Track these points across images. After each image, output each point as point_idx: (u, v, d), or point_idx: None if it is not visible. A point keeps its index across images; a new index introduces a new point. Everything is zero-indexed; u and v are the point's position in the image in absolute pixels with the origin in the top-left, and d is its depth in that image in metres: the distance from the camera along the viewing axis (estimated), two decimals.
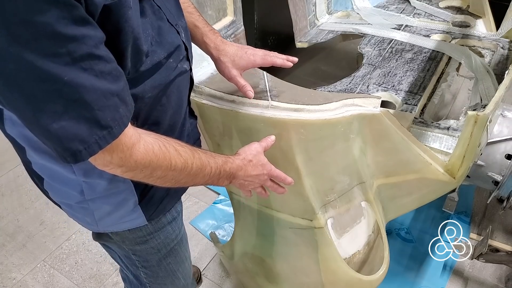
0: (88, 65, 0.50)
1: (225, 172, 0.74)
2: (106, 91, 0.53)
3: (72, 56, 0.48)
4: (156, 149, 0.62)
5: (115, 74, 0.55)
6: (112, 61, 0.54)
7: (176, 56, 0.71)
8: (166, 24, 0.69)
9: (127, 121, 0.57)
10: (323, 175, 1.00)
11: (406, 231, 1.75)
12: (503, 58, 1.48)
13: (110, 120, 0.54)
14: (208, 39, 0.86)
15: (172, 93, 0.73)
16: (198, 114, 1.02)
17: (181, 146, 0.67)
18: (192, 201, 1.97)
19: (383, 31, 1.69)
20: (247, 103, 0.91)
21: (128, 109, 0.58)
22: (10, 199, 2.04)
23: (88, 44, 0.50)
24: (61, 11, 0.46)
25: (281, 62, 0.87)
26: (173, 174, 0.65)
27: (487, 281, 1.57)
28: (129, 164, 0.60)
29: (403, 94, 1.33)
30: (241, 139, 0.98)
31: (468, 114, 0.90)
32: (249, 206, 1.15)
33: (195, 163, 0.68)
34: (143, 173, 0.62)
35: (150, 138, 0.62)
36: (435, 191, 1.10)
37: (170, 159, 0.64)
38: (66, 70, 0.48)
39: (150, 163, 0.61)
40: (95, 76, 0.51)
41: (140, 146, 0.60)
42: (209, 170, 0.71)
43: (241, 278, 1.45)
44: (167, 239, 0.91)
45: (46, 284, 1.67)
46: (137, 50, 0.61)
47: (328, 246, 1.06)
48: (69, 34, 0.47)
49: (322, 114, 0.89)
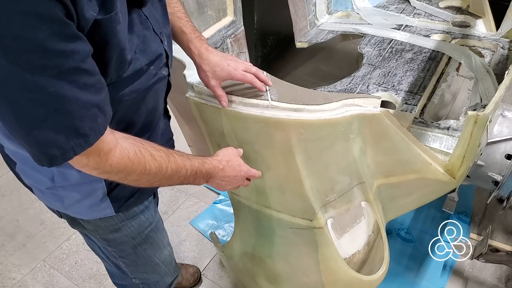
0: (73, 78, 0.53)
1: (201, 173, 0.78)
2: (87, 102, 0.56)
3: (59, 69, 0.51)
4: (132, 155, 0.65)
5: (98, 86, 0.58)
6: (96, 74, 0.57)
7: (157, 64, 0.74)
8: (151, 33, 0.72)
9: (104, 129, 0.61)
10: (323, 175, 1.00)
11: (406, 231, 1.75)
12: (503, 58, 1.48)
13: (88, 129, 0.57)
14: (193, 46, 0.89)
15: (149, 97, 0.76)
16: (198, 114, 1.02)
17: (157, 150, 0.70)
18: (192, 201, 1.98)
19: (383, 31, 1.69)
20: (247, 103, 0.91)
21: (106, 119, 0.61)
22: (10, 199, 2.04)
23: (76, 58, 0.53)
24: (53, 29, 0.49)
25: (258, 85, 0.89)
26: (147, 177, 0.69)
27: (487, 281, 1.57)
28: (104, 168, 0.63)
29: (403, 94, 1.33)
30: (240, 139, 0.98)
31: (468, 114, 0.90)
32: (249, 206, 1.15)
33: (170, 166, 0.71)
34: (118, 176, 0.66)
35: (127, 144, 0.66)
36: (435, 191, 1.10)
37: (144, 164, 0.67)
38: (52, 82, 0.51)
39: (125, 167, 0.65)
40: (78, 88, 0.54)
41: (116, 152, 0.63)
42: (184, 172, 0.74)
43: (241, 278, 1.45)
44: (140, 226, 0.94)
45: (46, 284, 1.67)
46: (122, 59, 0.64)
47: (328, 246, 1.06)
48: (58, 50, 0.50)
49: (322, 114, 0.89)
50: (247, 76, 0.88)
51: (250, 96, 0.92)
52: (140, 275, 1.06)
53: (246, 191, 1.12)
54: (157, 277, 1.11)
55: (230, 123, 0.96)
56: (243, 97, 0.92)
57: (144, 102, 0.76)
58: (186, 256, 1.74)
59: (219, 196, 1.98)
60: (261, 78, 0.90)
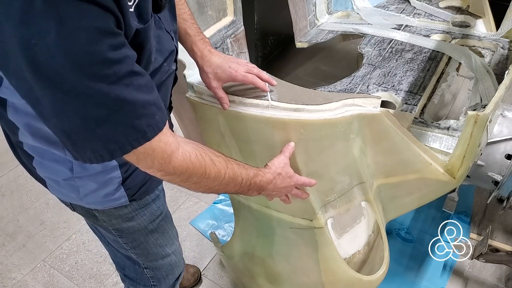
0: (129, 81, 0.58)
1: (255, 184, 0.80)
2: (144, 102, 0.60)
3: (117, 75, 0.56)
4: (193, 158, 0.68)
5: (150, 86, 0.62)
6: (145, 74, 0.61)
7: (170, 60, 0.78)
8: (164, 32, 0.75)
9: (162, 126, 0.64)
10: (323, 175, 1.00)
11: (406, 231, 1.75)
12: (503, 58, 1.48)
13: (146, 126, 0.61)
14: (197, 47, 0.90)
15: (161, 92, 0.78)
16: (198, 114, 1.02)
17: (216, 156, 0.73)
18: (192, 201, 1.98)
19: (383, 31, 1.69)
20: (247, 103, 0.91)
21: (164, 114, 0.64)
22: (10, 199, 2.04)
23: (128, 63, 0.58)
24: (110, 40, 0.54)
25: (260, 84, 0.90)
26: (206, 181, 0.72)
27: (487, 281, 1.57)
28: (168, 170, 0.66)
29: (403, 94, 1.33)
30: (240, 139, 0.98)
31: (468, 114, 0.90)
32: (249, 206, 1.15)
33: (228, 173, 0.74)
34: (180, 178, 0.69)
35: (189, 147, 0.69)
36: (435, 191, 1.10)
37: (205, 167, 0.70)
38: (113, 88, 0.56)
39: (187, 170, 0.68)
40: (135, 90, 0.59)
41: (178, 154, 0.66)
42: (240, 181, 0.77)
43: (241, 278, 1.45)
44: (152, 215, 0.96)
45: (46, 284, 1.67)
46: (148, 61, 0.69)
47: (328, 246, 1.06)
48: (115, 58, 0.55)
49: (322, 114, 0.89)
50: (248, 77, 0.89)
51: (250, 96, 0.92)
52: (151, 264, 1.08)
53: None
54: (168, 268, 1.13)
55: (230, 123, 0.96)
56: (243, 97, 0.92)
57: None
58: (186, 256, 1.73)
59: (219, 196, 1.98)
60: (264, 78, 0.91)
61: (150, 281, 1.13)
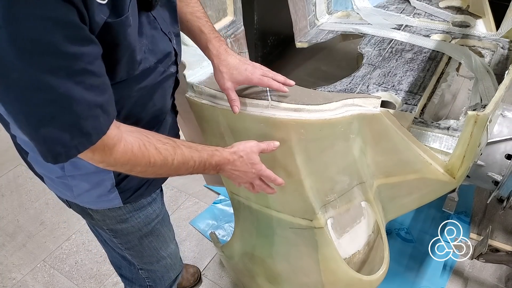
0: (81, 79, 0.56)
1: (210, 164, 0.79)
2: (92, 103, 0.58)
3: (69, 71, 0.54)
4: (135, 149, 0.67)
5: (102, 87, 0.60)
6: (102, 75, 0.60)
7: (166, 62, 0.76)
8: (159, 33, 0.74)
9: (106, 129, 0.62)
10: (323, 175, 1.00)
11: (406, 231, 1.75)
12: (503, 58, 1.48)
13: (91, 128, 0.60)
14: (212, 46, 0.88)
15: (157, 93, 0.78)
16: (198, 114, 1.02)
17: (163, 143, 0.71)
18: (192, 201, 1.98)
19: (383, 31, 1.69)
20: (247, 103, 0.91)
21: (109, 119, 0.63)
22: (10, 199, 2.04)
23: (85, 61, 0.55)
24: (67, 32, 0.52)
25: (277, 86, 0.88)
26: (153, 169, 0.70)
27: (487, 281, 1.57)
28: (109, 161, 0.66)
29: (403, 94, 1.33)
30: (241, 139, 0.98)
31: (468, 114, 0.90)
32: (249, 206, 1.15)
33: (176, 159, 0.72)
34: (123, 168, 0.68)
35: (132, 138, 0.67)
36: (435, 191, 1.10)
37: (149, 157, 0.69)
38: (62, 83, 0.54)
39: (129, 161, 0.67)
40: (85, 89, 0.57)
41: (120, 146, 0.65)
42: (192, 164, 0.75)
43: (241, 278, 1.45)
44: (147, 218, 0.96)
45: (46, 284, 1.67)
46: (132, 60, 0.66)
47: (328, 246, 1.06)
48: (70, 52, 0.53)
49: (322, 114, 0.89)
50: (264, 80, 0.87)
51: (250, 96, 0.92)
52: (146, 266, 1.08)
53: (246, 191, 1.12)
54: (163, 271, 1.12)
55: (230, 123, 0.96)
56: (244, 97, 0.92)
57: (152, 98, 0.77)
58: (186, 256, 1.74)
59: (219, 196, 1.98)
60: (280, 81, 0.89)
61: (146, 281, 1.13)
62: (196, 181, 2.02)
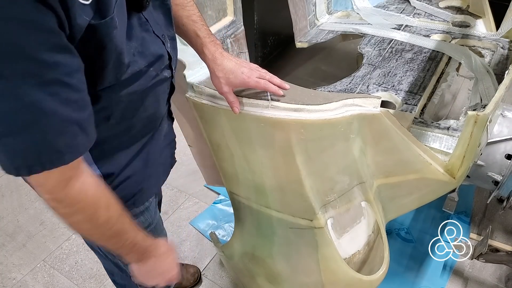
0: (55, 91, 0.51)
1: (140, 247, 0.74)
2: (67, 118, 0.54)
3: (40, 79, 0.50)
4: (90, 194, 0.62)
5: (81, 104, 0.56)
6: (81, 91, 0.56)
7: (158, 65, 0.73)
8: (151, 35, 0.70)
9: (84, 151, 0.58)
10: (323, 175, 1.00)
11: (406, 231, 1.75)
12: (503, 58, 1.48)
13: (64, 146, 0.55)
14: (208, 50, 0.87)
15: (149, 98, 0.75)
16: (198, 114, 1.02)
17: (115, 203, 0.67)
18: (192, 201, 1.98)
19: (383, 31, 1.69)
20: (247, 103, 0.91)
21: (88, 140, 0.59)
22: (10, 199, 2.04)
23: (60, 71, 0.51)
24: (39, 37, 0.48)
25: (273, 89, 0.88)
26: (91, 225, 0.65)
27: (487, 281, 1.57)
28: (58, 196, 0.59)
29: (403, 94, 1.33)
30: (241, 139, 0.98)
31: (468, 114, 0.90)
32: (249, 206, 1.15)
33: (117, 225, 0.67)
34: (66, 209, 0.62)
35: (91, 179, 0.62)
36: (435, 191, 1.10)
37: (97, 209, 0.63)
38: (31, 92, 0.49)
39: (78, 203, 0.61)
40: (59, 102, 0.52)
41: (76, 183, 0.60)
42: (125, 238, 0.70)
43: (241, 278, 1.45)
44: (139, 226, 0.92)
45: (46, 284, 1.67)
46: (119, 63, 0.63)
47: (328, 246, 1.06)
48: (42, 59, 0.49)
49: (322, 114, 0.89)
50: (261, 82, 0.87)
51: (250, 97, 0.92)
52: None
53: (246, 191, 1.12)
54: None
55: (230, 123, 0.96)
56: (244, 97, 0.92)
57: (144, 103, 0.75)
58: (186, 256, 1.74)
59: (219, 196, 1.98)
60: (276, 83, 0.89)
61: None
62: (196, 181, 2.02)
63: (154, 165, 0.87)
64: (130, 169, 0.81)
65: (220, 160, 1.09)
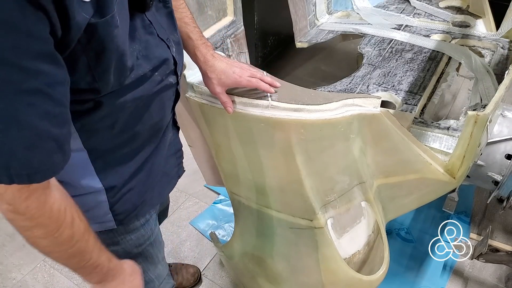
0: (33, 101, 0.48)
1: (102, 268, 0.69)
2: (43, 132, 0.50)
3: (17, 87, 0.46)
4: (55, 208, 0.58)
5: (61, 119, 0.53)
6: (63, 105, 0.52)
7: (163, 70, 0.71)
8: (155, 38, 0.69)
9: (59, 171, 0.54)
10: (323, 175, 1.00)
11: (406, 231, 1.75)
12: (503, 58, 1.48)
13: (37, 163, 0.51)
14: (199, 52, 0.88)
15: (154, 105, 0.73)
16: (198, 114, 1.02)
17: (80, 220, 0.62)
18: (192, 201, 1.98)
19: (383, 31, 1.69)
20: (247, 103, 0.91)
21: (64, 159, 0.55)
22: None
23: (40, 80, 0.48)
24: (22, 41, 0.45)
25: (264, 87, 0.88)
26: (52, 241, 0.60)
27: (487, 281, 1.57)
28: (18, 207, 0.54)
29: (403, 94, 1.33)
30: (241, 139, 0.98)
31: (468, 114, 0.90)
32: (249, 206, 1.15)
33: (80, 244, 0.63)
34: (25, 222, 0.57)
35: (58, 193, 0.58)
36: (435, 191, 1.10)
37: (61, 224, 0.59)
38: (6, 99, 0.46)
39: (40, 216, 0.56)
40: (36, 114, 0.49)
41: (41, 194, 0.55)
42: (88, 258, 0.65)
43: (241, 278, 1.45)
44: (138, 240, 0.91)
45: (46, 284, 1.67)
46: (122, 65, 0.60)
47: (328, 246, 1.06)
48: (22, 65, 0.46)
49: (322, 114, 0.89)
50: (253, 81, 0.88)
51: (250, 96, 0.92)
52: None
53: (246, 191, 1.12)
54: None
55: (230, 123, 0.96)
56: (244, 97, 0.92)
57: (149, 110, 0.72)
58: (186, 256, 1.74)
59: (219, 196, 1.98)
60: (267, 81, 0.90)
61: None
62: (196, 181, 2.02)
63: (158, 176, 0.85)
64: (133, 181, 0.78)
65: (220, 160, 1.10)
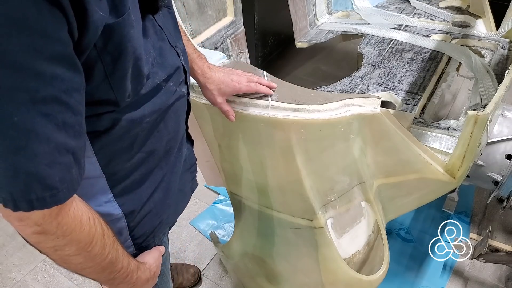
0: (50, 111, 0.43)
1: (132, 276, 0.66)
2: (61, 146, 0.45)
3: (32, 95, 0.41)
4: (84, 220, 0.53)
5: (78, 130, 0.48)
6: (79, 114, 0.47)
7: (176, 78, 0.69)
8: (167, 45, 0.66)
9: (77, 187, 0.49)
10: (323, 175, 1.00)
11: (406, 231, 1.75)
12: (503, 58, 1.48)
13: (59, 181, 0.46)
14: (196, 65, 0.87)
15: (170, 118, 0.70)
16: (198, 115, 1.02)
17: (107, 228, 0.59)
18: (192, 201, 1.97)
19: (383, 31, 1.69)
20: (247, 103, 0.91)
21: (80, 173, 0.50)
22: None
23: (57, 87, 0.42)
24: (33, 42, 0.39)
25: (264, 90, 0.90)
26: (85, 256, 0.55)
27: (487, 281, 1.57)
28: (49, 226, 0.49)
29: (403, 94, 1.33)
30: (241, 140, 0.98)
31: (468, 114, 0.90)
32: (250, 206, 1.15)
33: (112, 253, 0.59)
34: (54, 243, 0.52)
35: (82, 205, 0.54)
36: (435, 191, 1.10)
37: (93, 236, 0.55)
38: (20, 110, 0.41)
39: (72, 232, 0.52)
40: (55, 125, 0.44)
41: (70, 209, 0.51)
42: (119, 268, 0.62)
43: (241, 278, 1.45)
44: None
45: (46, 284, 1.67)
46: (138, 71, 0.56)
47: (328, 246, 1.06)
48: (37, 70, 0.40)
49: (322, 114, 0.89)
50: (252, 86, 0.89)
51: (250, 97, 0.92)
52: None
53: (247, 191, 1.12)
54: None
55: (230, 123, 0.96)
56: (243, 97, 0.92)
57: (165, 124, 0.68)
58: (186, 256, 1.74)
59: (219, 196, 1.98)
60: (265, 84, 0.91)
61: None
62: None
63: (174, 194, 0.81)
64: (151, 202, 0.74)
65: (220, 160, 1.10)
